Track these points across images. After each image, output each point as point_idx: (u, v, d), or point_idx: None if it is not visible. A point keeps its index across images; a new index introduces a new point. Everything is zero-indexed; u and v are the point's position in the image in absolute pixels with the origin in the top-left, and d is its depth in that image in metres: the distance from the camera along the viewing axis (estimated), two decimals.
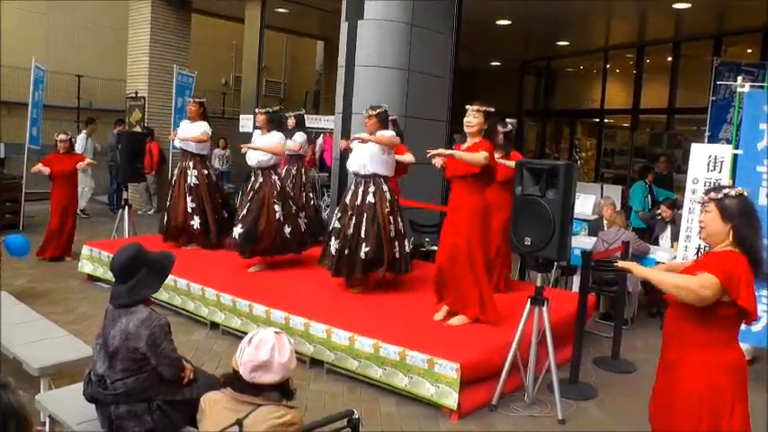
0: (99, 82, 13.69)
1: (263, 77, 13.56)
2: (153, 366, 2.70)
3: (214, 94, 15.58)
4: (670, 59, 12.06)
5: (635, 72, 12.84)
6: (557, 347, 4.01)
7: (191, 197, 6.56)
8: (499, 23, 11.25)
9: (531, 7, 9.82)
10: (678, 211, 6.27)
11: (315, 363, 4.50)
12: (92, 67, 13.36)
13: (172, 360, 2.75)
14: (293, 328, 4.56)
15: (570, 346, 4.50)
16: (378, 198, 5.17)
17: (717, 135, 7.87)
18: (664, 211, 6.79)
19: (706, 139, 7.70)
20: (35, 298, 5.68)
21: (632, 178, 10.31)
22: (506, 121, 5.81)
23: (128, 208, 7.63)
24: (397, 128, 5.86)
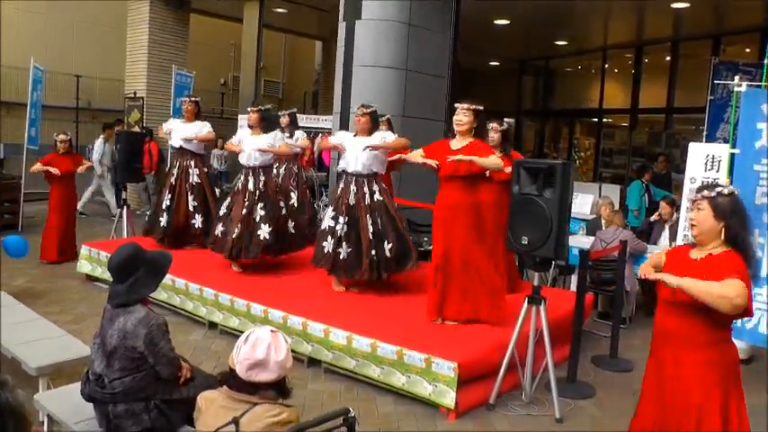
0: (98, 82, 13.67)
1: (261, 77, 13.59)
2: (151, 365, 2.72)
3: (212, 93, 15.57)
4: (669, 59, 12.08)
5: (633, 72, 12.86)
6: (554, 346, 4.02)
7: (192, 196, 6.54)
8: (497, 23, 11.26)
9: (530, 7, 9.83)
10: (675, 214, 6.29)
11: (313, 362, 4.51)
12: (90, 68, 13.34)
13: (169, 359, 2.76)
14: (291, 327, 4.57)
15: (568, 344, 4.51)
16: (384, 195, 5.27)
17: (714, 134, 7.88)
18: (663, 208, 6.79)
19: (704, 139, 7.71)
20: (34, 298, 5.69)
21: (630, 178, 10.31)
22: (504, 120, 5.81)
23: (126, 208, 7.63)
24: (390, 127, 5.92)
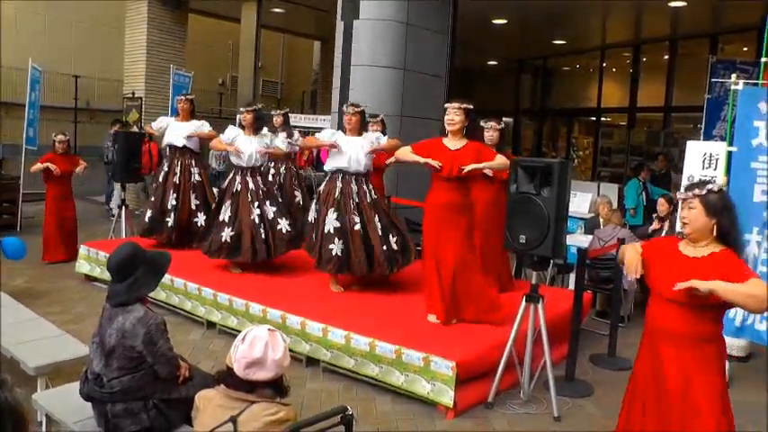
0: (96, 82, 13.66)
1: (259, 77, 13.59)
2: (149, 365, 2.72)
3: (211, 93, 15.55)
4: (666, 58, 12.09)
5: (631, 71, 12.87)
6: (553, 345, 4.03)
7: (195, 195, 6.55)
8: (495, 22, 11.27)
9: (528, 6, 9.83)
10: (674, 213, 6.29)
11: (311, 361, 4.52)
12: (89, 68, 13.33)
13: (168, 358, 2.77)
14: (290, 326, 4.57)
15: (566, 343, 4.52)
16: (377, 193, 5.38)
17: (710, 132, 7.88)
18: (661, 205, 6.81)
19: (701, 137, 7.71)
20: (33, 298, 5.69)
21: (629, 176, 10.33)
22: (502, 119, 5.81)
23: (125, 208, 7.62)
24: (384, 127, 5.99)
